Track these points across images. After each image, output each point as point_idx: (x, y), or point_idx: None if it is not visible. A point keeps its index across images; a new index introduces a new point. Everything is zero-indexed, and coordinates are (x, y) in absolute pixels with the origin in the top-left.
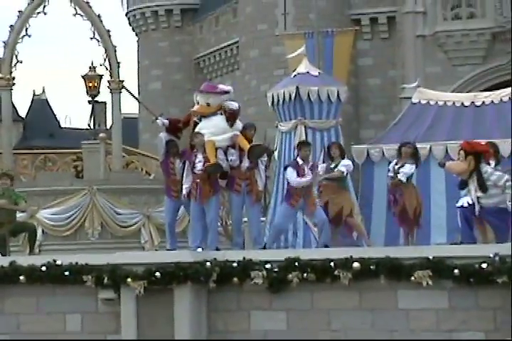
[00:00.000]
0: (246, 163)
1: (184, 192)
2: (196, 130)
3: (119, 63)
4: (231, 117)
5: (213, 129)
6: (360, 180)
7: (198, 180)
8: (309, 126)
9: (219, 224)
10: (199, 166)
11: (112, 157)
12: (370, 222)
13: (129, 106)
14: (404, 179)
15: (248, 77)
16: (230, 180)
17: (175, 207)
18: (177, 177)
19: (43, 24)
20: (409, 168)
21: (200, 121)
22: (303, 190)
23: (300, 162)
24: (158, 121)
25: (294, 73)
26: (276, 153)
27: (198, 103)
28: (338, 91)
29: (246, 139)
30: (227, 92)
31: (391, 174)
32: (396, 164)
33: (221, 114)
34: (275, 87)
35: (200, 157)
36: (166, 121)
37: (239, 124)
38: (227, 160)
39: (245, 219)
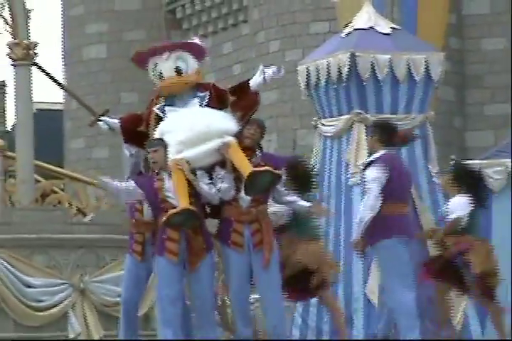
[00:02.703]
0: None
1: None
2: (156, 133)
3: (28, 12)
4: (219, 100)
5: (185, 134)
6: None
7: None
8: None
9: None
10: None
11: (16, 182)
12: None
13: (48, 88)
14: None
15: (263, 36)
16: (223, 226)
17: (139, 273)
18: (145, 217)
19: None
20: None
21: (164, 113)
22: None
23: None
24: (100, 123)
25: (347, 29)
26: None
27: (158, 77)
28: (427, 63)
29: (245, 150)
30: (203, 49)
31: None
32: None
33: (201, 97)
34: (312, 55)
35: (170, 184)
36: (115, 122)
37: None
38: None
39: (254, 295)
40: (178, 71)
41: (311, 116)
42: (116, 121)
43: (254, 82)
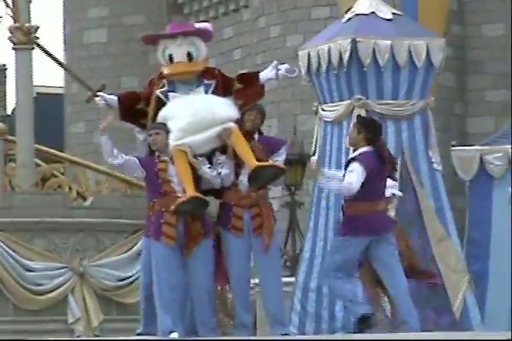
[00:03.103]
0: (246, 177)
1: None
2: (158, 118)
3: None
4: (225, 88)
5: (187, 121)
6: (468, 210)
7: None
8: (375, 111)
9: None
10: (176, 183)
11: (16, 166)
12: (485, 287)
13: (49, 72)
14: None
15: (264, 21)
16: (223, 211)
17: None
18: None
19: None
20: None
21: (167, 98)
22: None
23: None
24: (97, 99)
25: (349, 15)
26: (314, 160)
27: (167, 60)
28: (427, 48)
29: (245, 135)
30: (212, 34)
31: None
32: None
33: (207, 85)
34: (313, 40)
35: (173, 168)
36: (112, 98)
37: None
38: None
39: (255, 280)
40: (190, 57)
41: (312, 102)
42: (113, 97)
43: (265, 75)
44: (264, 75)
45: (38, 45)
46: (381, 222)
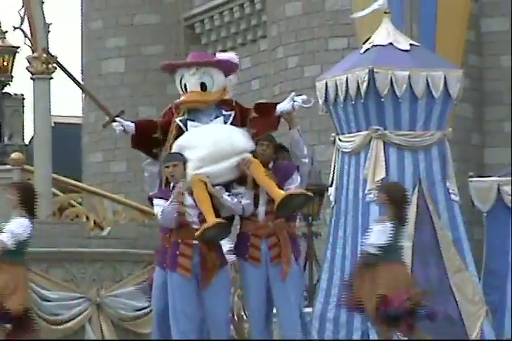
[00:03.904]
0: (263, 206)
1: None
2: (175, 147)
3: (48, 25)
4: (243, 119)
5: (207, 151)
6: (485, 241)
7: (195, 242)
8: (393, 142)
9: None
10: (193, 214)
11: None
12: (503, 317)
13: (65, 102)
14: None
15: (282, 51)
16: (241, 240)
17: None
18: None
19: None
20: None
21: (186, 126)
22: None
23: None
24: (115, 124)
25: (366, 46)
26: (332, 190)
27: (183, 89)
28: (445, 79)
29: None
30: (234, 65)
31: None
32: None
33: (226, 116)
34: (331, 71)
35: (189, 199)
36: (129, 125)
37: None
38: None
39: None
40: (203, 87)
41: (330, 132)
42: (130, 123)
43: (282, 107)
44: (280, 107)
45: (57, 63)
46: None
